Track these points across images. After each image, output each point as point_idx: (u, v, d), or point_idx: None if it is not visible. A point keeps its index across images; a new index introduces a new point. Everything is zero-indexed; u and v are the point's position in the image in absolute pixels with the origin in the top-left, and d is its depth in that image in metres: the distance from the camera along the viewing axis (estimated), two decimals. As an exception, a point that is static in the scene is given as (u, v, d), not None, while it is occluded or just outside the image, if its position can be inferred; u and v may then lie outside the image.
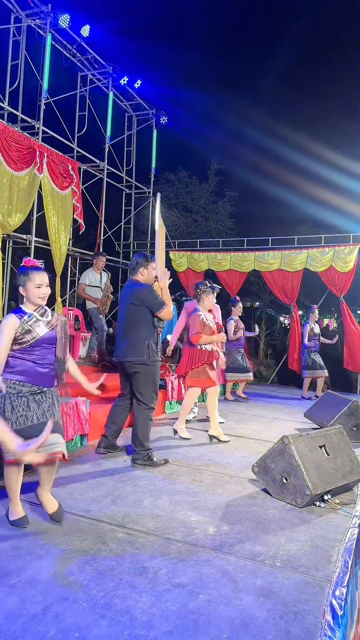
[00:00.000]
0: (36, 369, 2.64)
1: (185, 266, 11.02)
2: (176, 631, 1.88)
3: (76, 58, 9.34)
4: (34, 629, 1.83)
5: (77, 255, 9.88)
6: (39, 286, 2.64)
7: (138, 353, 3.85)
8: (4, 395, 2.58)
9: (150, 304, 3.86)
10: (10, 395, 2.58)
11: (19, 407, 2.58)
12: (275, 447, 3.39)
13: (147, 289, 3.92)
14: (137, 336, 3.88)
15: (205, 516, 2.99)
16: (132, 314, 3.90)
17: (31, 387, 2.62)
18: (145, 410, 3.95)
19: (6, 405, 2.56)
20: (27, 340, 2.59)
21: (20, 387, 2.60)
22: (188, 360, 4.83)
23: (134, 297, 3.89)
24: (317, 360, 8.11)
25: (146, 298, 3.86)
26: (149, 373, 3.90)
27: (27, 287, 2.63)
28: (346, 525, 2.95)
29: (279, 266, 9.94)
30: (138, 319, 3.89)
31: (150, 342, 3.88)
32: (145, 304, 3.86)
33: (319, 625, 1.96)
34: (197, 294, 4.97)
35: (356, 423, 5.04)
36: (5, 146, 6.61)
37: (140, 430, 3.93)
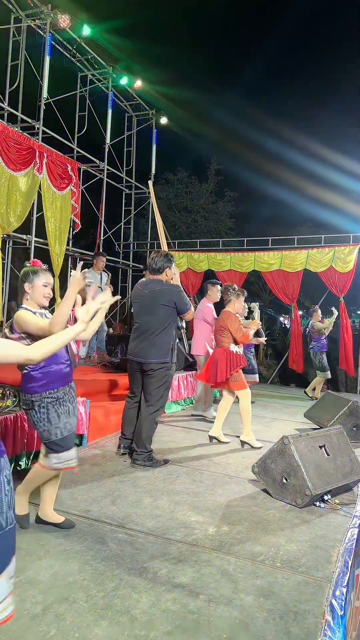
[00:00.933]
0: (62, 371, 2.65)
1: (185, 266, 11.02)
2: (176, 631, 1.88)
3: (76, 58, 9.33)
4: (34, 629, 1.84)
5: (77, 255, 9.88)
6: (45, 285, 2.64)
7: (162, 355, 3.83)
8: (46, 406, 2.56)
9: (181, 305, 3.86)
10: (53, 404, 2.58)
11: (63, 414, 2.60)
12: (275, 448, 3.39)
13: (179, 291, 3.90)
14: (165, 338, 3.85)
15: (205, 516, 2.99)
16: (162, 315, 3.85)
17: (64, 389, 2.65)
18: (153, 413, 3.93)
19: (51, 414, 2.56)
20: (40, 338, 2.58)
21: (56, 394, 2.60)
22: (227, 365, 4.67)
23: (164, 298, 3.84)
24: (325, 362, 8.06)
25: (178, 299, 3.85)
26: (167, 375, 3.89)
27: (34, 285, 2.61)
28: (346, 526, 2.95)
29: (279, 266, 9.94)
30: (167, 321, 3.85)
31: (174, 345, 3.91)
32: (176, 306, 3.85)
33: (319, 625, 1.96)
34: (228, 297, 4.89)
35: (356, 423, 5.04)
36: (4, 147, 6.61)
37: (145, 432, 3.90)
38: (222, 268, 10.59)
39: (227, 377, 4.69)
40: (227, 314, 4.79)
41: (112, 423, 4.77)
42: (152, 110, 11.50)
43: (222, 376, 4.67)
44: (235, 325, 4.71)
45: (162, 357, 3.83)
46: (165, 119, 11.58)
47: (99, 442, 4.50)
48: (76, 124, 9.92)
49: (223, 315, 4.82)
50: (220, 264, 10.61)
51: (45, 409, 2.56)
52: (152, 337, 3.86)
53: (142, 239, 13.38)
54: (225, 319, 4.75)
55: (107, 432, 4.70)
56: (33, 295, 2.62)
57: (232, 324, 4.70)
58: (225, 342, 4.76)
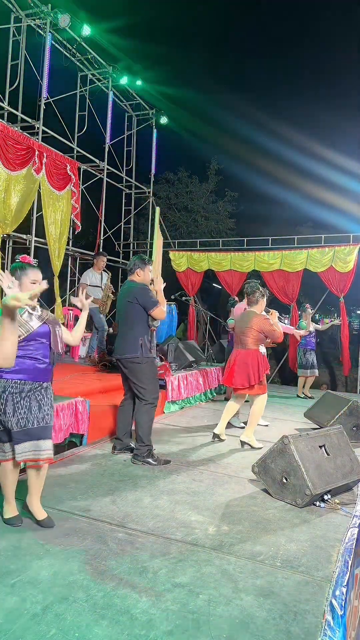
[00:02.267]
0: (35, 366, 2.64)
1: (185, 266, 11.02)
2: (176, 631, 1.88)
3: (76, 58, 9.34)
4: (34, 629, 1.83)
5: (77, 255, 9.88)
6: (33, 282, 2.64)
7: (132, 350, 3.93)
8: (5, 396, 2.57)
9: (144, 301, 3.94)
10: (13, 395, 2.57)
11: (20, 409, 2.58)
12: (275, 447, 3.39)
13: (142, 287, 4.01)
14: (131, 333, 3.97)
15: (205, 516, 2.99)
16: (127, 311, 4.01)
17: (32, 384, 2.64)
18: (145, 406, 3.99)
19: (8, 406, 2.56)
20: (22, 334, 2.58)
21: (22, 385, 2.60)
22: (260, 368, 4.61)
23: (129, 295, 4.00)
24: (310, 360, 8.09)
25: (140, 296, 3.94)
26: (143, 369, 3.96)
27: (22, 282, 2.62)
28: (346, 525, 2.95)
29: (279, 266, 9.95)
30: (133, 317, 3.98)
31: (144, 339, 3.95)
32: (139, 302, 3.94)
33: (319, 625, 1.96)
34: (255, 298, 4.76)
35: (356, 423, 5.04)
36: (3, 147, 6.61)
37: (140, 426, 3.97)
38: (222, 268, 10.59)
39: (261, 379, 4.64)
40: (257, 316, 4.69)
41: (112, 423, 4.76)
42: (152, 110, 11.51)
43: (256, 379, 4.59)
44: (268, 326, 4.63)
45: (132, 352, 3.93)
46: (165, 118, 11.59)
47: (99, 442, 4.50)
48: (76, 124, 9.93)
49: (253, 317, 4.67)
50: (220, 264, 10.61)
51: (5, 399, 2.55)
52: (123, 334, 4.05)
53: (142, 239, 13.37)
54: (257, 321, 4.63)
55: (107, 432, 4.70)
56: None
57: (266, 325, 4.63)
58: (254, 344, 4.67)
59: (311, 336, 8.15)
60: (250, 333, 4.66)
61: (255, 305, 4.79)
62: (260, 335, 4.67)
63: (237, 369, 4.65)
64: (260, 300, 4.79)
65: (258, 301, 4.78)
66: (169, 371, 6.27)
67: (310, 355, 8.09)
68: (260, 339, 4.71)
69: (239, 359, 4.69)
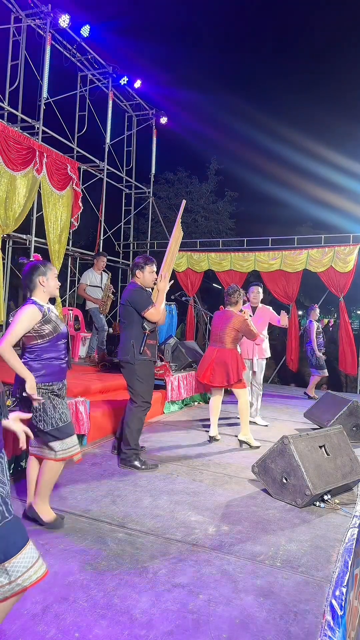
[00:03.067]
0: (60, 366, 2.72)
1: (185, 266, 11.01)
2: (176, 631, 1.88)
3: (76, 58, 9.34)
4: (34, 629, 1.83)
5: (77, 255, 9.88)
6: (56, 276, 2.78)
7: (124, 352, 3.94)
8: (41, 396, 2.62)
9: (135, 303, 3.90)
10: (49, 394, 2.65)
11: (59, 405, 2.67)
12: (275, 448, 3.39)
13: (135, 290, 3.96)
14: (125, 335, 3.99)
15: (205, 516, 2.99)
16: (123, 314, 4.02)
17: (58, 384, 2.71)
18: (134, 408, 3.95)
19: (47, 405, 2.63)
20: (50, 332, 2.63)
21: (51, 387, 2.67)
22: (238, 366, 4.75)
23: (124, 298, 4.00)
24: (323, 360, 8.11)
25: (132, 298, 3.92)
26: (133, 371, 3.93)
27: (48, 277, 2.71)
28: (346, 525, 2.95)
29: (279, 266, 9.94)
30: (127, 319, 3.98)
31: (136, 342, 3.91)
32: (131, 304, 3.92)
33: (319, 625, 1.96)
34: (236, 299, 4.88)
35: (356, 423, 5.04)
36: (4, 147, 6.61)
37: (128, 428, 3.90)
38: (222, 268, 10.58)
39: (240, 377, 4.75)
40: (238, 316, 4.79)
41: (112, 423, 4.77)
42: (152, 110, 11.50)
43: (235, 378, 4.69)
44: (248, 326, 4.74)
45: (125, 354, 3.93)
46: (165, 118, 11.58)
47: (99, 442, 4.50)
48: (76, 124, 9.92)
49: (235, 316, 4.77)
50: (220, 264, 10.60)
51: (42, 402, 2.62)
52: (121, 335, 4.07)
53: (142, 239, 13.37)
54: (237, 321, 4.74)
55: (107, 432, 4.70)
56: (48, 288, 2.72)
57: (246, 326, 4.73)
58: (232, 344, 4.78)
59: (320, 336, 8.16)
60: (230, 332, 4.75)
61: (235, 305, 4.89)
62: (239, 335, 4.80)
63: (216, 368, 4.76)
64: (239, 301, 4.91)
65: (237, 302, 4.89)
66: (169, 371, 6.27)
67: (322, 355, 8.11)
68: (238, 338, 4.84)
69: (218, 357, 4.79)
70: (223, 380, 4.74)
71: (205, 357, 4.94)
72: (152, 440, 4.76)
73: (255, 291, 6.03)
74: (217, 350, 4.81)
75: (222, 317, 4.87)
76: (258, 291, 6.04)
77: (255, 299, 6.07)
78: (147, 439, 4.74)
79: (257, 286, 6.17)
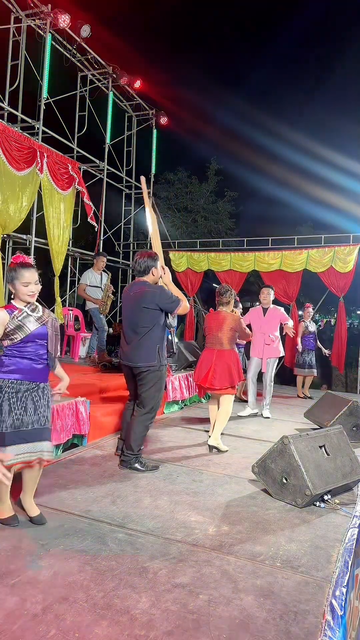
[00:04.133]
0: (32, 366, 2.65)
1: (185, 266, 11.02)
2: (176, 631, 1.88)
3: (76, 58, 9.33)
4: (34, 629, 1.83)
5: (77, 255, 9.88)
6: (26, 284, 2.60)
7: (149, 358, 3.73)
8: (2, 396, 2.56)
9: (167, 305, 3.74)
10: (9, 394, 2.57)
11: (16, 410, 2.58)
12: (275, 447, 3.39)
13: (161, 291, 3.77)
14: (149, 341, 3.74)
15: (205, 516, 2.99)
16: (144, 318, 3.75)
17: (29, 385, 2.64)
18: (144, 415, 3.84)
19: (3, 406, 2.55)
20: (18, 336, 2.58)
21: (18, 385, 2.60)
22: (239, 367, 4.68)
23: (147, 301, 3.73)
24: (307, 360, 8.10)
25: (161, 300, 3.72)
26: (157, 378, 3.80)
27: (14, 285, 2.61)
28: (346, 526, 2.95)
29: (279, 266, 9.94)
30: (151, 323, 3.74)
31: (161, 346, 3.78)
32: (160, 307, 3.73)
33: (319, 625, 1.96)
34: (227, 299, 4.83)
35: (356, 423, 5.04)
36: (6, 146, 6.61)
37: (134, 434, 3.81)
38: (222, 268, 10.59)
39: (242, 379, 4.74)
40: (232, 315, 4.75)
41: (112, 423, 4.77)
42: (152, 110, 11.50)
43: (238, 378, 4.63)
44: (241, 325, 4.76)
45: (149, 360, 3.73)
46: (165, 119, 11.58)
47: (99, 442, 4.50)
48: (76, 124, 9.92)
49: (229, 316, 4.72)
50: (220, 264, 10.60)
51: (0, 400, 2.55)
52: (138, 340, 3.76)
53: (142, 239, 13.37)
54: (232, 321, 4.69)
55: (107, 432, 4.70)
56: (17, 295, 2.64)
57: (240, 325, 4.74)
58: (230, 344, 4.71)
59: (310, 336, 8.16)
60: (228, 333, 4.70)
61: (227, 305, 4.85)
62: (235, 334, 4.75)
63: (219, 370, 4.60)
64: (231, 301, 4.87)
65: (229, 302, 4.86)
66: (169, 371, 6.28)
67: (307, 355, 8.11)
68: (235, 338, 4.79)
69: (219, 359, 4.65)
70: (226, 381, 4.59)
71: (204, 360, 4.75)
72: (152, 440, 4.76)
73: (265, 292, 6.34)
74: (216, 352, 4.68)
75: (217, 318, 4.77)
76: (268, 292, 6.34)
77: (265, 299, 6.31)
78: (147, 439, 4.74)
79: (268, 288, 6.44)
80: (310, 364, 8.10)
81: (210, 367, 4.64)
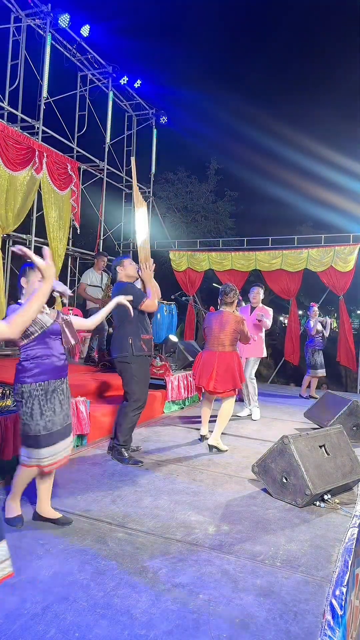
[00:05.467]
0: (55, 364, 2.67)
1: (185, 266, 11.02)
2: (176, 631, 1.88)
3: (76, 58, 9.34)
4: (34, 629, 1.84)
5: (77, 255, 9.88)
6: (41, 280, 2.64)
7: (120, 349, 3.94)
8: (32, 399, 2.57)
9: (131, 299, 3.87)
10: (39, 398, 2.58)
11: (47, 412, 2.60)
12: (275, 447, 3.39)
13: (126, 286, 3.97)
14: (121, 333, 3.98)
15: (205, 516, 2.99)
16: (117, 313, 3.97)
17: (55, 383, 2.66)
18: (127, 407, 4.02)
19: (35, 409, 2.57)
20: (35, 331, 2.58)
21: (46, 386, 2.62)
22: (241, 369, 4.66)
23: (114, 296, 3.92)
24: (319, 360, 8.10)
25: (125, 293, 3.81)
26: (131, 369, 3.96)
27: (29, 280, 2.63)
28: (346, 525, 2.95)
29: (279, 266, 9.95)
30: (121, 317, 3.96)
31: (134, 338, 3.93)
32: None
33: (319, 624, 1.96)
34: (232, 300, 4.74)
35: (356, 423, 5.03)
36: (3, 146, 6.61)
37: (119, 425, 4.01)
38: (223, 268, 10.59)
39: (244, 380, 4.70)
40: (235, 316, 4.66)
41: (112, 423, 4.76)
42: (152, 110, 11.50)
43: (240, 381, 4.61)
44: (244, 326, 4.68)
45: (121, 351, 3.94)
46: (165, 118, 11.58)
47: (99, 442, 4.50)
48: (76, 124, 9.92)
49: (233, 317, 4.63)
50: (221, 264, 10.61)
51: (31, 404, 2.57)
52: (115, 334, 4.06)
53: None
54: (235, 322, 4.61)
55: (107, 432, 4.70)
56: (28, 291, 2.62)
57: (243, 326, 4.65)
58: (232, 346, 4.65)
59: (319, 336, 8.15)
60: (230, 334, 4.61)
61: (231, 306, 4.75)
62: (237, 336, 4.67)
63: (221, 372, 4.54)
64: (235, 301, 4.80)
65: (233, 302, 4.77)
66: (169, 371, 6.27)
67: (318, 355, 8.09)
68: (237, 339, 4.70)
69: (221, 361, 4.57)
70: (229, 384, 4.53)
71: (206, 362, 4.64)
72: (152, 440, 4.76)
73: (256, 291, 6.17)
74: (218, 354, 4.59)
75: (219, 319, 4.66)
76: (259, 292, 6.17)
77: (255, 299, 6.15)
78: (148, 439, 4.75)
79: (259, 287, 6.28)
80: (321, 364, 8.10)
81: (213, 370, 4.56)
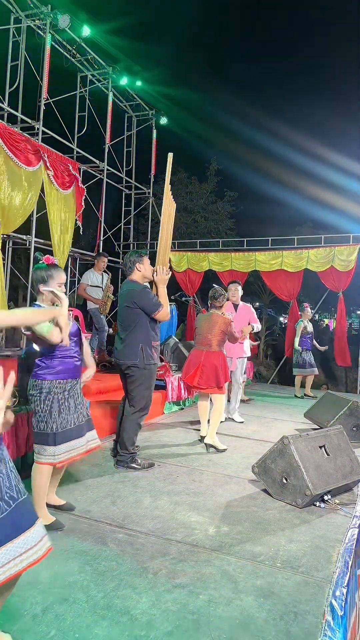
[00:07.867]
0: (74, 364, 2.73)
1: (185, 266, 11.02)
2: (176, 631, 1.88)
3: (76, 58, 9.33)
4: (34, 629, 1.84)
5: (77, 255, 9.88)
6: (60, 284, 2.68)
7: (132, 356, 3.77)
8: (52, 397, 2.62)
9: (144, 305, 3.72)
10: (58, 396, 2.64)
11: (64, 410, 2.66)
12: (275, 448, 3.39)
13: (141, 290, 3.78)
14: (132, 339, 3.79)
15: (205, 517, 2.99)
16: (127, 316, 3.81)
17: (72, 382, 2.71)
18: (134, 414, 3.87)
19: (54, 407, 2.62)
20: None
21: (64, 385, 2.67)
22: (226, 369, 4.76)
23: (128, 299, 3.78)
24: (307, 359, 8.10)
25: (139, 299, 3.72)
26: (141, 376, 3.81)
27: (48, 285, 2.64)
28: (346, 526, 2.95)
29: (279, 266, 9.94)
30: (133, 322, 3.78)
31: (145, 345, 3.78)
32: (139, 306, 3.73)
33: (319, 625, 1.96)
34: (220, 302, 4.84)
35: (356, 423, 5.03)
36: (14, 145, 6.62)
37: (126, 433, 3.85)
38: (223, 268, 10.59)
39: (228, 380, 4.78)
40: (223, 318, 4.78)
41: (112, 423, 4.76)
42: (151, 110, 11.50)
43: (224, 379, 4.69)
44: (231, 328, 4.80)
45: (132, 358, 3.77)
46: (165, 119, 11.58)
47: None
48: (76, 124, 9.91)
49: (221, 319, 4.75)
50: (220, 264, 10.60)
51: (50, 401, 2.62)
52: (124, 338, 3.85)
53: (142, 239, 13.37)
54: (223, 323, 4.73)
55: (107, 432, 4.70)
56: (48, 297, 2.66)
57: (230, 327, 4.77)
58: (219, 346, 4.77)
59: (308, 336, 8.18)
60: (217, 335, 4.74)
61: (219, 309, 4.87)
62: (225, 337, 4.80)
63: (205, 370, 4.69)
64: (224, 304, 4.92)
65: (222, 306, 4.89)
66: (169, 371, 6.27)
67: (306, 354, 8.11)
68: (224, 340, 4.83)
69: (206, 360, 4.71)
70: (212, 382, 4.67)
71: (192, 360, 4.81)
72: (152, 440, 4.76)
73: (234, 289, 6.11)
74: (204, 353, 4.73)
75: (208, 320, 4.81)
76: (236, 289, 6.12)
77: (234, 296, 6.10)
78: (147, 439, 4.75)
79: (236, 284, 6.23)
80: (310, 363, 8.10)
81: (198, 367, 4.73)
